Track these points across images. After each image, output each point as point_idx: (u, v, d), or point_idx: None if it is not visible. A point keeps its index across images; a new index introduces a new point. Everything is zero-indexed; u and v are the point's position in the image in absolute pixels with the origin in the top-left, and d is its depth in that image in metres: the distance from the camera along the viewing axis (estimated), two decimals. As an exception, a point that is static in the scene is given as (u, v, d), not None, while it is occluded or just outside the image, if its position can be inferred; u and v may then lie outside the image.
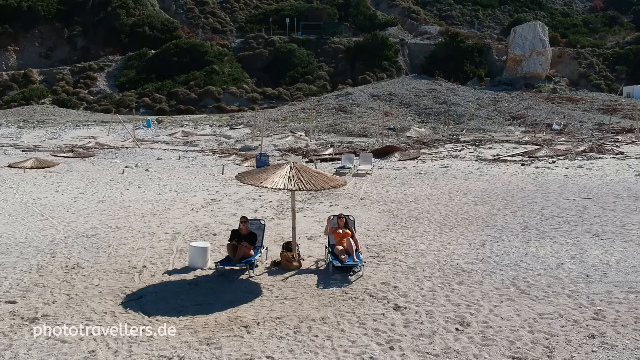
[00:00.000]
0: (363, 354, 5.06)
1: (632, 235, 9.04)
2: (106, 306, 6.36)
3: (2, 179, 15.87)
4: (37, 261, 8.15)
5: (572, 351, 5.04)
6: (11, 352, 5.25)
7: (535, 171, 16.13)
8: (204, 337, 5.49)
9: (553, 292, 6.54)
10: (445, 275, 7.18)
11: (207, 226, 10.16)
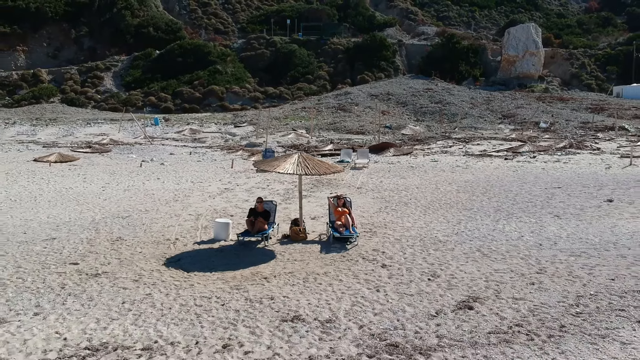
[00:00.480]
0: (356, 294, 6.70)
1: (587, 216, 10.70)
2: (152, 266, 8.00)
3: (32, 172, 17.51)
4: (86, 235, 9.79)
5: (514, 292, 6.68)
6: (86, 295, 6.87)
7: (516, 165, 17.82)
8: (233, 284, 7.13)
9: (510, 255, 8.20)
10: (424, 244, 8.83)
11: (224, 209, 11.80)
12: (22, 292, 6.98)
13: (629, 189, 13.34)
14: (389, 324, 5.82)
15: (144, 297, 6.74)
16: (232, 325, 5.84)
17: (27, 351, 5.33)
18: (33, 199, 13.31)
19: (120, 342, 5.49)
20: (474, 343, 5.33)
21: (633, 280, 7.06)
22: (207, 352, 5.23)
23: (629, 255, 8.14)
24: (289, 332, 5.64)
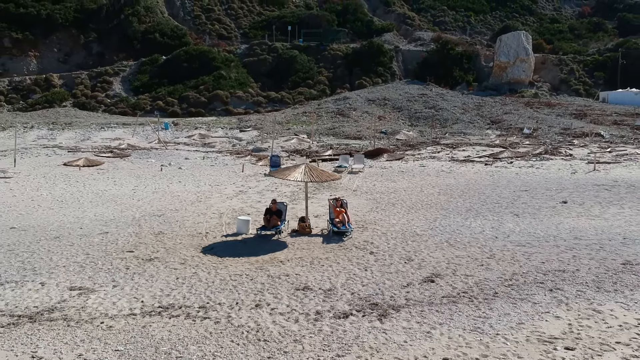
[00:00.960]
0: (349, 272, 9.07)
1: (541, 215, 13.09)
2: (192, 253, 10.37)
3: (66, 175, 19.86)
4: (132, 230, 12.15)
5: (466, 271, 9.06)
6: (147, 273, 9.23)
7: (494, 170, 20.21)
8: (257, 266, 9.51)
9: (470, 245, 10.58)
10: (404, 237, 11.20)
11: (241, 209, 14.17)
12: (98, 271, 9.35)
13: (584, 192, 15.73)
14: (372, 291, 8.20)
15: (192, 275, 9.10)
16: (260, 292, 8.21)
17: (118, 309, 7.69)
18: (76, 200, 15.66)
19: (182, 303, 7.86)
20: (430, 303, 7.71)
21: (557, 263, 9.44)
22: (245, 309, 7.59)
23: (562, 245, 10.52)
24: (301, 297, 8.00)
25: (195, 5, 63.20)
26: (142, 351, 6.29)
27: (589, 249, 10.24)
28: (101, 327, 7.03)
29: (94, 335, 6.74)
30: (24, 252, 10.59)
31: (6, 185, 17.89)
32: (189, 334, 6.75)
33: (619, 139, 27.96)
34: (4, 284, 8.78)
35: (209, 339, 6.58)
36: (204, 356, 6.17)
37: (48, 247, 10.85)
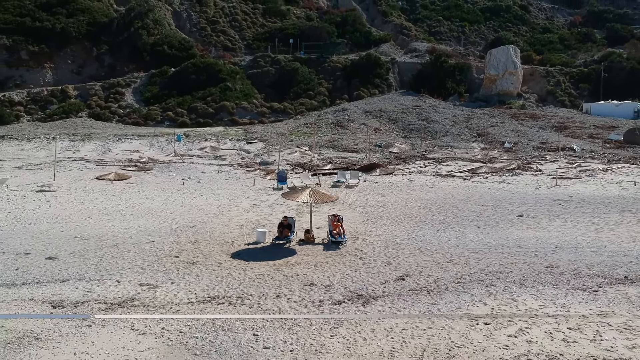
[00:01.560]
0: (343, 272, 12.38)
1: (498, 227, 16.41)
2: (224, 258, 13.68)
3: (102, 189, 23.18)
4: (173, 239, 15.46)
5: (429, 272, 12.37)
6: (194, 273, 12.52)
7: (470, 185, 23.54)
8: (274, 268, 12.82)
9: (435, 252, 13.90)
10: (387, 245, 14.53)
11: (257, 221, 17.48)
12: (156, 272, 12.66)
13: (540, 207, 19.06)
14: (359, 286, 11.52)
15: (227, 274, 12.42)
16: (279, 287, 11.52)
17: (179, 299, 10.99)
18: (118, 212, 18.98)
19: (224, 294, 11.17)
20: (399, 294, 11.03)
21: (498, 266, 12.76)
22: (269, 298, 10.90)
23: (506, 252, 13.85)
24: (308, 290, 11.32)
25: (201, 18, 66.61)
26: (201, 328, 9.60)
27: (526, 255, 13.58)
28: (171, 310, 10.35)
29: (168, 317, 10.06)
30: (93, 257, 13.91)
31: (54, 199, 21.22)
32: (234, 315, 10.07)
33: (589, 153, 31.32)
34: (89, 281, 12.10)
35: (249, 319, 9.90)
36: (245, 330, 9.48)
37: (110, 254, 14.17)
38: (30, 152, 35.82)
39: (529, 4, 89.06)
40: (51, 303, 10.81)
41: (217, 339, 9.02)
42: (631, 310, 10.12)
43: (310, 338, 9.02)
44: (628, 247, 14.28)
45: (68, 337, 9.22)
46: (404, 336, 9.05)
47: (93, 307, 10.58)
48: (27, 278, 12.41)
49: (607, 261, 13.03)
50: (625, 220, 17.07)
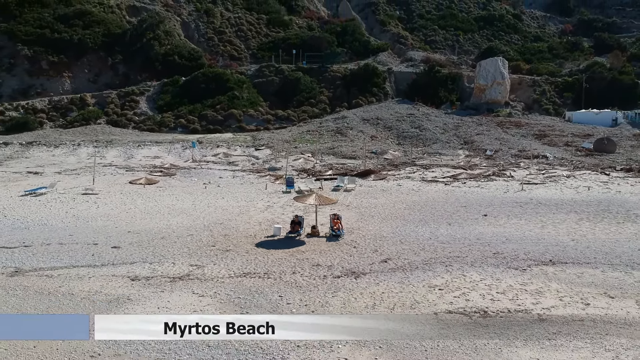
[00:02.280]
0: (341, 257, 16.70)
1: (466, 224, 20.71)
2: (250, 247, 17.99)
3: (136, 192, 27.48)
4: (207, 233, 19.76)
5: (406, 256, 16.68)
6: (230, 258, 16.83)
7: (450, 189, 27.84)
8: (289, 254, 17.14)
9: (413, 243, 18.20)
10: (375, 238, 18.84)
11: (272, 219, 21.78)
12: (201, 256, 16.98)
13: (503, 208, 23.37)
14: (353, 266, 15.84)
15: (254, 258, 16.74)
16: (294, 267, 15.82)
17: (222, 274, 15.28)
18: (157, 212, 23.29)
19: (254, 271, 15.47)
20: (382, 271, 15.35)
21: (458, 252, 17.05)
22: (287, 273, 15.20)
23: (467, 243, 18.15)
24: (315, 269, 15.63)
25: (208, 28, 70.90)
26: (241, 292, 13.90)
27: (481, 245, 17.89)
28: (217, 282, 14.65)
29: (216, 285, 14.38)
30: (147, 246, 18.21)
31: (100, 201, 25.53)
32: (264, 284, 14.40)
33: (559, 161, 35.62)
34: (152, 263, 16.41)
35: (274, 286, 14.22)
36: (272, 293, 13.78)
37: (161, 244, 18.47)
38: (60, 157, 40.10)
39: (522, 13, 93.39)
40: (129, 277, 15.11)
41: (254, 298, 13.35)
42: (545, 282, 14.45)
43: (318, 298, 13.36)
44: (562, 239, 18.60)
45: (150, 298, 13.54)
46: (382, 297, 13.39)
47: (161, 280, 14.89)
48: (103, 261, 16.71)
49: (541, 249, 17.36)
50: (569, 219, 21.40)
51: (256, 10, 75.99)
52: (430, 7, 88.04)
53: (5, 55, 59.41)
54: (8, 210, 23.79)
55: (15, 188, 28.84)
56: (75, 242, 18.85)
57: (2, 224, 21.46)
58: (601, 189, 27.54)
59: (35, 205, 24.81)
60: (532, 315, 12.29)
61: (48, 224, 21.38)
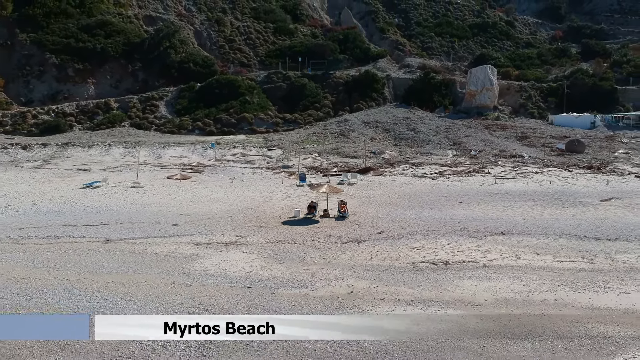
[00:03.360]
0: (347, 231, 22.72)
1: (444, 208, 26.67)
2: (277, 224, 24.02)
3: (175, 185, 33.48)
4: (242, 215, 25.78)
5: (395, 230, 22.67)
6: (263, 230, 22.85)
7: (435, 183, 33.82)
8: (308, 229, 23.16)
9: (401, 221, 24.19)
10: (372, 218, 24.87)
11: (291, 205, 27.76)
12: (242, 230, 22.98)
13: (476, 197, 29.33)
14: (355, 236, 21.87)
15: (282, 231, 22.75)
16: (312, 237, 21.83)
17: (261, 241, 21.32)
18: (198, 200, 29.27)
19: (284, 239, 21.48)
20: (376, 239, 21.38)
21: (434, 228, 23.01)
22: (308, 241, 21.22)
23: (442, 222, 24.10)
24: (328, 239, 21.64)
25: (219, 36, 76.98)
26: (277, 252, 19.90)
27: (453, 223, 23.87)
28: (258, 246, 20.66)
29: (258, 248, 20.40)
30: (199, 224, 24.21)
31: (148, 192, 31.54)
32: (292, 247, 20.42)
33: (533, 159, 41.63)
34: (207, 234, 22.39)
35: (299, 249, 20.23)
36: (299, 252, 19.77)
37: (209, 223, 24.46)
38: (97, 157, 46.11)
39: (515, 20, 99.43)
40: (193, 243, 21.11)
41: (287, 255, 19.38)
42: (493, 245, 20.46)
43: (331, 254, 19.39)
44: (515, 219, 24.60)
45: (213, 255, 19.55)
46: (376, 253, 19.42)
47: (217, 245, 20.90)
48: (169, 234, 22.70)
49: (497, 225, 23.36)
50: (526, 205, 27.41)
51: (263, 19, 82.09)
52: (427, 14, 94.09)
53: (35, 63, 65.56)
54: (76, 199, 29.82)
55: (72, 182, 34.86)
56: (142, 221, 24.87)
57: (76, 209, 27.49)
58: (561, 182, 33.58)
59: (95, 195, 30.85)
60: (478, 264, 18.32)
61: (114, 209, 27.41)
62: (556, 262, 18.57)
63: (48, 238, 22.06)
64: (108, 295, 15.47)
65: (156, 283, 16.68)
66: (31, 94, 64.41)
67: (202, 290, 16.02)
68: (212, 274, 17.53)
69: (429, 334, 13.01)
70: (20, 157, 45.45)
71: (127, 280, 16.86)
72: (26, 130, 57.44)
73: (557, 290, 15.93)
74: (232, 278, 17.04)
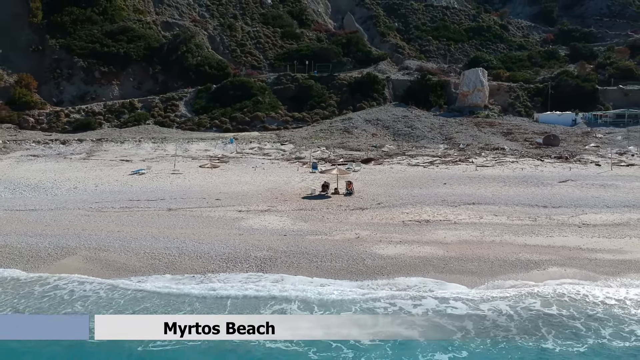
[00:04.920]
0: (353, 202, 29.74)
1: (431, 188, 33.70)
2: (298, 199, 31.06)
3: (208, 173, 40.49)
4: (270, 193, 32.81)
5: (391, 201, 29.67)
6: (288, 203, 29.86)
7: (426, 170, 40.76)
8: (322, 202, 30.20)
9: (396, 197, 31.19)
10: (373, 195, 31.87)
11: (307, 186, 34.76)
12: (271, 203, 30.02)
13: (458, 180, 36.23)
14: (359, 205, 28.89)
15: (303, 203, 29.80)
16: (326, 207, 28.85)
17: (289, 209, 28.35)
18: (231, 183, 36.25)
19: (304, 207, 28.50)
20: (376, 207, 28.40)
21: (421, 200, 30.01)
22: (324, 209, 28.26)
23: (428, 196, 31.09)
24: (339, 208, 28.67)
25: (231, 41, 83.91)
26: (301, 215, 26.90)
27: (436, 197, 30.76)
28: (286, 212, 27.67)
29: (287, 213, 27.43)
30: (237, 199, 31.21)
31: (187, 177, 38.54)
32: (312, 213, 27.43)
33: (512, 151, 48.58)
34: (245, 206, 29.40)
35: (318, 214, 27.24)
36: (318, 215, 26.78)
37: (245, 198, 31.47)
38: (130, 150, 53.10)
39: (508, 23, 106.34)
40: (237, 210, 28.11)
41: (309, 217, 26.42)
42: (464, 210, 27.44)
43: (342, 217, 26.42)
44: (486, 194, 31.52)
45: (253, 218, 26.58)
46: (376, 216, 26.47)
47: (255, 212, 27.90)
48: (215, 205, 29.70)
49: (471, 198, 30.30)
50: (497, 185, 34.36)
51: (272, 24, 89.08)
52: (425, 19, 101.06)
53: (64, 66, 72.54)
54: (130, 183, 36.88)
55: (120, 170, 41.88)
56: (190, 197, 31.90)
57: (133, 189, 34.52)
58: (532, 169, 40.59)
59: (144, 180, 37.90)
60: (451, 222, 25.34)
61: (164, 189, 34.45)
62: (509, 220, 25.61)
63: (122, 208, 29.10)
64: (185, 241, 22.53)
65: (217, 233, 23.73)
66: (61, 95, 71.36)
67: (252, 237, 23.10)
68: (256, 228, 24.59)
69: (411, 258, 20.09)
70: (64, 151, 52.44)
71: (195, 232, 23.92)
72: (60, 128, 64.40)
73: (503, 235, 22.98)
74: (272, 230, 24.12)
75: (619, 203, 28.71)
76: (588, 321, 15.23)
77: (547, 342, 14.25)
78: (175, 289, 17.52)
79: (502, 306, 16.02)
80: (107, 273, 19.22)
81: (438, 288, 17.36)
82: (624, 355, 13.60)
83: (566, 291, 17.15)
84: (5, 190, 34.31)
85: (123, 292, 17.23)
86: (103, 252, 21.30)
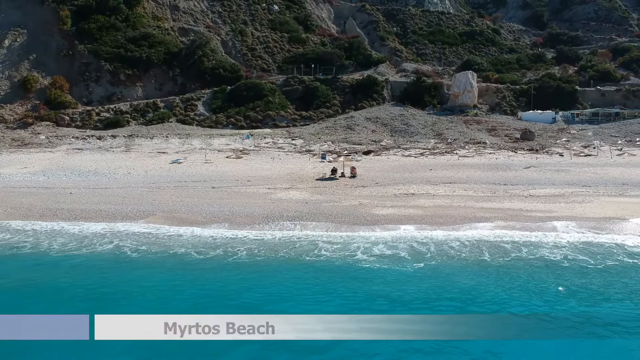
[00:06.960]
0: (357, 182, 38.44)
1: (419, 173, 42.39)
2: (312, 180, 39.79)
3: (235, 162, 49.17)
4: (289, 177, 41.51)
5: (386, 181, 38.40)
6: (305, 184, 38.57)
7: (417, 159, 49.39)
8: (332, 182, 38.93)
9: (390, 179, 39.93)
10: (372, 178, 40.57)
11: (319, 172, 43.43)
12: (292, 183, 38.74)
13: (442, 167, 44.85)
14: (362, 184, 37.61)
15: (317, 184, 38.52)
16: (335, 185, 37.57)
17: (305, 188, 37.08)
18: (255, 170, 44.90)
19: (319, 187, 37.22)
20: (374, 186, 37.11)
21: (411, 180, 38.71)
22: (335, 188, 36.99)
23: (416, 178, 39.79)
24: (346, 186, 37.38)
25: (242, 45, 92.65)
26: (316, 190, 35.60)
27: (423, 178, 39.44)
28: (304, 189, 36.39)
29: (305, 189, 36.15)
30: (263, 181, 39.88)
31: (218, 166, 47.24)
32: (325, 189, 36.15)
33: (492, 145, 57.22)
34: (271, 185, 38.13)
35: (329, 190, 35.97)
36: (329, 191, 35.47)
37: (269, 181, 40.15)
38: (161, 145, 61.75)
39: (501, 27, 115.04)
40: (268, 188, 36.81)
41: (323, 191, 35.22)
42: (442, 187, 36.13)
43: (347, 192, 35.17)
44: (461, 176, 40.13)
45: (279, 192, 35.30)
46: (374, 192, 35.21)
47: (280, 189, 36.60)
48: (248, 185, 38.38)
49: (449, 179, 38.93)
50: (472, 170, 42.98)
51: (279, 29, 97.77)
52: (422, 24, 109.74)
53: (92, 69, 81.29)
54: (172, 170, 45.59)
55: (159, 161, 50.57)
56: (226, 180, 40.59)
57: (177, 174, 43.19)
58: (504, 159, 49.30)
59: (183, 168, 46.60)
60: (430, 194, 34.04)
61: (202, 174, 43.15)
62: (474, 193, 34.33)
63: (175, 187, 37.82)
64: (233, 208, 31.22)
65: (255, 202, 32.47)
66: (90, 96, 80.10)
67: (281, 204, 31.82)
68: (284, 199, 33.31)
69: (398, 216, 28.88)
70: (103, 145, 61.14)
71: (239, 202, 32.65)
72: (92, 125, 73.11)
73: (467, 202, 31.71)
74: (295, 200, 32.86)
75: (564, 182, 37.43)
76: (513, 245, 23.90)
77: (483, 256, 22.88)
78: (232, 234, 26.29)
79: (456, 239, 24.71)
80: (182, 225, 27.95)
81: (415, 231, 26.06)
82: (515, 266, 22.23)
83: (502, 232, 25.83)
84: (73, 174, 43.06)
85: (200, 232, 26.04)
86: (175, 213, 30.00)
